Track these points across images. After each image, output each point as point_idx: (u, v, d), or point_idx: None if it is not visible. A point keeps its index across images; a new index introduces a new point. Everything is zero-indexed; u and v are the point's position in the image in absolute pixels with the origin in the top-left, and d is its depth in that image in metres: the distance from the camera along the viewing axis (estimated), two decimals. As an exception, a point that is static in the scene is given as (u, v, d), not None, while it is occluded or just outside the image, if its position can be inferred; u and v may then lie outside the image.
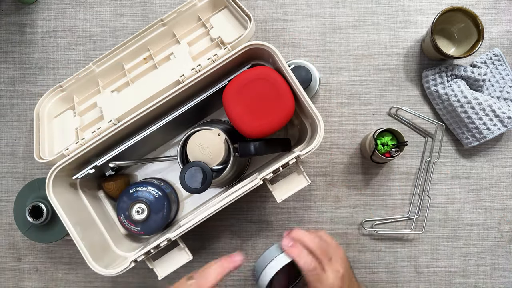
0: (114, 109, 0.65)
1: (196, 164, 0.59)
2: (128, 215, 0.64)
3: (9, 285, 0.75)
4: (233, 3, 0.66)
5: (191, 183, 0.59)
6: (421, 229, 0.72)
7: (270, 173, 0.57)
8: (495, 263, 0.72)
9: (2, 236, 0.75)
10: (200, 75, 0.60)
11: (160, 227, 0.66)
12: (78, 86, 0.70)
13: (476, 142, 0.70)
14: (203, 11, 0.69)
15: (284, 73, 0.60)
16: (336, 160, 0.74)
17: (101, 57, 0.68)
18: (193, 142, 0.61)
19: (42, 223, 0.64)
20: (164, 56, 0.68)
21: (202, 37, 0.69)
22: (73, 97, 0.70)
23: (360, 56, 0.75)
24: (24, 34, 0.78)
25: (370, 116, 0.74)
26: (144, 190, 0.65)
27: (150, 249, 0.57)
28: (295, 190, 0.59)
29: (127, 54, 0.69)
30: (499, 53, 0.72)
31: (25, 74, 0.77)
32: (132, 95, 0.65)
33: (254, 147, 0.61)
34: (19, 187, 0.69)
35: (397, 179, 0.73)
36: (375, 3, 0.75)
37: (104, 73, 0.69)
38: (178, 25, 0.69)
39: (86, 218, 0.65)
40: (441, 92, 0.70)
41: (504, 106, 0.71)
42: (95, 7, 0.77)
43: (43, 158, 0.64)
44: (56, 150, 0.66)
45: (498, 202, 0.72)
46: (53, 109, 0.70)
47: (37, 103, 0.68)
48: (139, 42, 0.69)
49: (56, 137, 0.68)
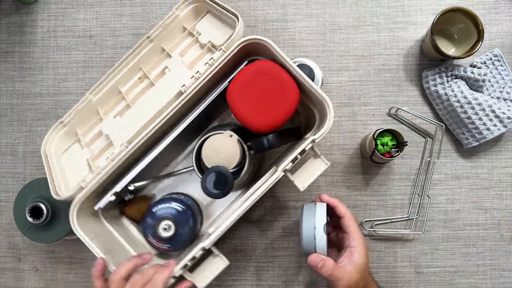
0: (121, 133, 0.64)
1: (215, 170, 0.59)
2: (156, 234, 0.63)
3: (9, 285, 0.75)
4: (216, 5, 0.65)
5: (214, 188, 0.59)
6: (421, 229, 0.72)
7: (289, 162, 0.57)
8: (495, 263, 0.72)
9: (2, 236, 0.75)
10: (201, 81, 0.60)
11: (189, 240, 0.65)
12: (79, 118, 0.69)
13: (476, 143, 0.70)
14: (187, 20, 0.69)
15: (282, 62, 0.59)
16: (336, 160, 0.74)
17: (96, 85, 0.67)
18: (208, 148, 0.61)
19: (42, 223, 0.64)
20: (158, 72, 0.68)
21: (192, 45, 0.68)
22: (76, 130, 0.69)
23: (360, 57, 0.75)
24: (24, 34, 0.78)
25: (370, 116, 0.74)
26: (167, 206, 0.65)
27: (187, 263, 0.56)
28: (316, 175, 0.58)
29: (121, 78, 0.68)
30: (499, 53, 0.72)
31: (25, 74, 0.77)
32: (136, 116, 0.65)
33: (267, 141, 0.61)
34: (19, 187, 0.69)
35: (397, 179, 0.73)
36: (375, 4, 0.75)
37: (102, 100, 0.69)
38: (166, 39, 0.69)
39: (114, 244, 0.64)
40: (441, 92, 0.70)
41: (504, 107, 0.71)
42: (95, 7, 0.77)
43: (60, 194, 0.62)
44: (71, 184, 0.65)
45: (498, 202, 0.72)
46: (59, 146, 0.69)
47: (42, 142, 0.67)
48: (131, 63, 0.68)
49: (68, 172, 0.67)
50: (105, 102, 0.69)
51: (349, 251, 0.57)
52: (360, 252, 0.57)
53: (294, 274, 0.72)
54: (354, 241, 0.57)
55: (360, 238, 0.58)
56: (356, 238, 0.57)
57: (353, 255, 0.56)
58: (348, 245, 0.58)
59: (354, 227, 0.58)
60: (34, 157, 0.76)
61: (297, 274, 0.72)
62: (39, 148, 0.76)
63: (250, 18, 0.76)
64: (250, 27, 0.76)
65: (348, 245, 0.58)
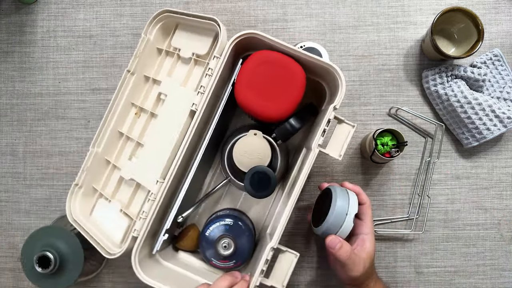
0: (145, 172, 0.63)
1: (254, 171, 0.60)
2: (218, 255, 0.63)
3: (9, 285, 0.75)
4: (186, 16, 0.63)
5: (259, 190, 0.60)
6: (421, 229, 0.72)
7: (320, 137, 0.57)
8: (495, 263, 0.72)
9: (2, 236, 0.75)
10: (208, 93, 0.59)
11: (251, 248, 0.65)
12: (92, 175, 0.67)
13: (476, 142, 0.70)
14: (159, 41, 0.68)
15: (277, 47, 0.59)
16: (336, 160, 0.73)
17: (96, 136, 0.66)
18: (238, 154, 0.61)
19: (51, 271, 0.61)
20: (153, 100, 0.67)
21: (175, 63, 0.67)
22: (92, 187, 0.68)
23: (360, 57, 0.75)
24: (24, 34, 0.78)
25: (370, 116, 0.74)
26: (217, 225, 0.64)
27: (262, 268, 0.55)
28: (348, 140, 0.58)
29: (117, 120, 0.67)
30: (499, 53, 0.72)
31: (25, 74, 0.77)
32: (154, 150, 0.63)
33: (290, 125, 0.61)
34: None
35: (397, 179, 0.73)
36: (375, 3, 0.75)
37: (108, 149, 0.67)
38: (146, 67, 0.67)
39: (182, 280, 0.63)
40: (441, 92, 0.70)
41: (504, 106, 0.71)
42: (95, 7, 0.77)
43: (112, 252, 0.60)
44: (116, 239, 0.64)
45: (498, 202, 0.72)
46: (84, 209, 0.67)
47: (66, 212, 0.65)
48: (121, 102, 0.67)
49: (107, 228, 0.65)
50: (111, 150, 0.68)
51: (361, 238, 0.59)
52: (371, 240, 0.59)
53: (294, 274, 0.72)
54: (367, 229, 0.59)
55: (372, 227, 0.60)
56: (370, 226, 0.60)
57: (365, 242, 0.58)
58: (361, 232, 0.60)
59: (370, 216, 0.61)
60: (34, 157, 0.76)
61: (297, 274, 0.72)
62: (39, 148, 0.76)
63: (250, 18, 0.76)
64: (250, 27, 0.76)
65: (361, 232, 0.60)
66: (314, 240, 0.73)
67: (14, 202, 0.76)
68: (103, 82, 0.76)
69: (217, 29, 0.61)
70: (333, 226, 0.57)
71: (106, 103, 0.72)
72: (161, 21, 0.66)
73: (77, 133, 0.76)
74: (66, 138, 0.76)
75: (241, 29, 0.59)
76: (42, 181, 0.76)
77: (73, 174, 0.76)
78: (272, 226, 0.60)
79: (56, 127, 0.76)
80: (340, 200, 0.58)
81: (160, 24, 0.66)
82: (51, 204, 0.76)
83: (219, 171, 0.73)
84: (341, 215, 0.57)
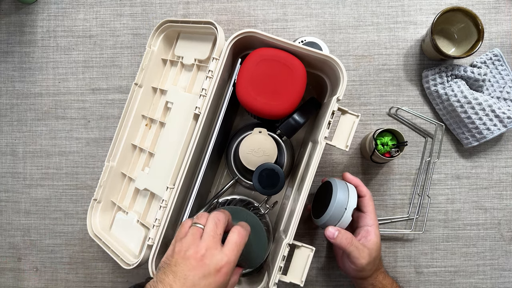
0: (158, 181, 0.64)
1: (262, 168, 0.60)
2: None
3: (9, 285, 0.75)
4: (185, 24, 0.65)
5: (268, 187, 0.60)
6: (421, 229, 0.72)
7: (325, 129, 0.57)
8: (495, 263, 0.72)
9: (2, 236, 0.75)
10: (210, 96, 0.59)
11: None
12: (109, 189, 0.69)
13: (476, 142, 0.70)
14: (162, 52, 0.70)
15: (275, 43, 0.59)
16: (336, 160, 0.74)
17: (110, 151, 0.68)
18: (245, 153, 0.62)
19: None
20: (161, 110, 0.68)
21: (179, 71, 0.69)
22: (111, 201, 0.70)
23: (360, 56, 0.75)
24: (24, 34, 0.78)
25: (370, 116, 0.74)
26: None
27: (280, 265, 0.55)
28: (354, 131, 0.57)
29: (129, 132, 0.69)
30: (499, 53, 0.72)
31: (25, 74, 0.77)
32: (164, 159, 0.64)
33: (294, 120, 0.62)
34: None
35: (397, 179, 0.73)
36: (375, 3, 0.75)
37: (122, 162, 0.69)
38: (153, 78, 0.69)
39: None
40: (441, 92, 0.70)
41: (504, 106, 0.71)
42: (95, 7, 0.77)
43: (130, 263, 0.61)
44: (134, 249, 0.65)
45: (498, 202, 0.72)
46: (103, 223, 0.69)
47: (87, 227, 0.67)
48: (132, 115, 0.69)
49: (125, 240, 0.67)
50: (125, 163, 0.69)
51: (365, 230, 0.60)
52: (376, 231, 0.59)
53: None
54: (371, 220, 0.60)
55: (376, 219, 0.61)
56: (373, 218, 0.60)
57: (369, 233, 0.59)
58: (365, 224, 0.60)
59: (372, 208, 0.61)
60: (34, 157, 0.76)
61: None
62: (39, 148, 0.76)
63: (250, 18, 0.76)
64: (250, 27, 0.76)
65: (365, 224, 0.60)
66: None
67: (14, 202, 0.76)
68: (103, 82, 0.76)
69: (215, 32, 0.61)
70: (333, 218, 0.58)
71: (106, 103, 0.73)
72: (163, 32, 0.68)
73: (77, 133, 0.76)
74: (66, 138, 0.76)
75: (241, 29, 0.59)
76: (42, 181, 0.76)
77: (73, 174, 0.76)
78: (284, 223, 0.60)
79: (56, 127, 0.76)
80: (340, 194, 0.58)
81: (163, 35, 0.68)
82: (51, 204, 0.76)
83: (226, 172, 0.73)
84: (340, 208, 0.58)
